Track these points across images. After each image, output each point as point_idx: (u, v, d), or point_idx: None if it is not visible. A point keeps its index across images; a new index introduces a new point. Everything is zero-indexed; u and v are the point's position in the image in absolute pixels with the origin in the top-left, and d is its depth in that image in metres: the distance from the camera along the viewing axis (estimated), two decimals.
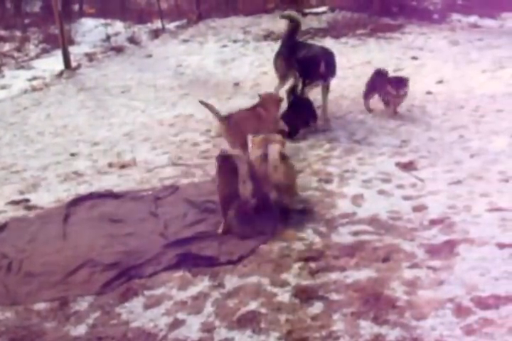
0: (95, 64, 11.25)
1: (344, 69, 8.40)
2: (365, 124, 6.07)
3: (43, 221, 4.18)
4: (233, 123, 5.00)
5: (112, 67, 10.79)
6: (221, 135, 5.31)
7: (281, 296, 2.97)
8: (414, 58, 9.13)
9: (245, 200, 3.81)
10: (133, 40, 12.98)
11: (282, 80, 6.70)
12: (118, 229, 3.90)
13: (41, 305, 3.10)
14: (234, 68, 9.80)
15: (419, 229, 3.57)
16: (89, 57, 11.70)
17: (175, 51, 11.48)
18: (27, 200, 4.70)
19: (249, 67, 9.65)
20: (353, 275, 3.10)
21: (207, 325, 2.79)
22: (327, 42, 10.43)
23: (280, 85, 6.70)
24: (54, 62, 11.18)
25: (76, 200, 4.51)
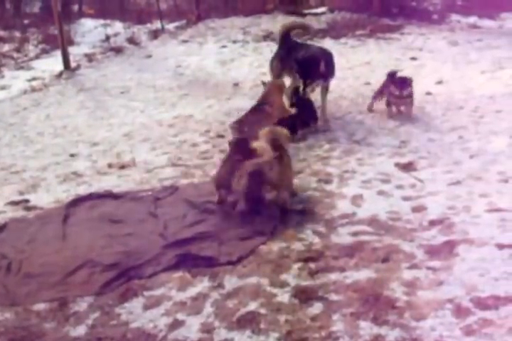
0: (95, 64, 11.25)
1: (343, 69, 8.41)
2: (364, 125, 6.08)
3: (43, 221, 4.18)
4: (243, 128, 5.14)
5: (112, 68, 10.78)
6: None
7: (280, 297, 2.97)
8: (413, 59, 9.14)
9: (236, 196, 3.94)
10: (132, 41, 12.98)
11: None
12: (117, 230, 3.90)
13: (40, 306, 3.10)
14: (233, 69, 9.80)
15: (418, 230, 3.57)
16: (88, 57, 11.69)
17: (174, 52, 11.48)
18: (26, 201, 4.70)
19: (248, 68, 9.65)
20: (353, 275, 3.10)
21: (206, 326, 2.79)
22: (326, 42, 10.44)
23: None
24: (53, 62, 11.18)
25: (75, 201, 4.50)
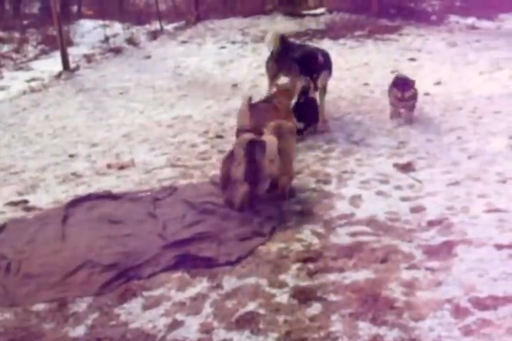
0: (94, 65, 11.24)
1: (342, 70, 8.42)
2: (363, 125, 6.08)
3: (42, 222, 4.17)
4: (256, 112, 5.20)
5: (111, 69, 10.77)
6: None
7: (279, 297, 2.97)
8: (412, 60, 9.14)
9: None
10: (131, 42, 12.97)
11: (272, 81, 6.81)
12: (117, 230, 3.90)
13: (40, 306, 3.10)
14: (232, 69, 9.79)
15: (417, 230, 3.58)
16: (87, 58, 11.68)
17: (173, 52, 11.47)
18: (25, 201, 4.70)
19: (247, 69, 9.65)
20: (352, 276, 3.11)
21: (205, 326, 2.80)
22: (325, 43, 10.45)
23: (271, 86, 6.79)
24: (52, 63, 11.17)
25: (75, 201, 4.49)
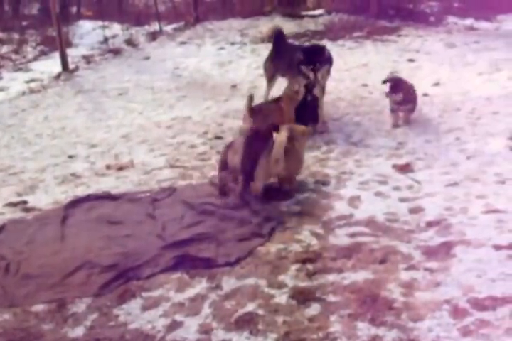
0: (93, 66, 11.24)
1: (341, 71, 8.44)
2: (361, 126, 6.09)
3: (41, 223, 4.17)
4: (259, 114, 5.32)
5: (110, 70, 10.78)
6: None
7: (278, 298, 2.98)
8: (410, 61, 9.15)
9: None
10: (130, 43, 12.97)
11: (270, 82, 6.86)
12: (116, 231, 3.90)
13: (39, 307, 3.10)
14: (231, 70, 9.81)
15: (415, 231, 3.58)
16: (86, 59, 11.69)
17: (172, 53, 11.48)
18: (25, 202, 4.70)
19: (246, 70, 9.66)
20: (350, 276, 3.11)
21: (204, 327, 2.80)
22: (324, 44, 10.45)
23: (268, 87, 6.86)
24: (52, 64, 11.18)
25: (74, 202, 4.50)
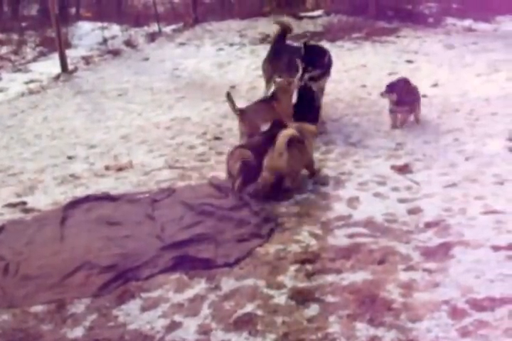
0: (92, 67, 11.24)
1: (339, 72, 8.44)
2: (360, 127, 6.09)
3: (40, 223, 4.18)
4: (248, 115, 5.37)
5: (109, 70, 10.78)
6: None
7: (277, 298, 2.98)
8: (409, 62, 9.16)
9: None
10: (129, 44, 12.97)
11: (269, 83, 6.86)
12: (115, 232, 3.91)
13: (38, 308, 3.11)
14: (230, 71, 9.81)
15: (414, 232, 3.59)
16: (86, 60, 11.68)
17: (171, 54, 11.49)
18: (24, 203, 4.70)
19: (245, 70, 9.67)
20: (349, 277, 3.11)
21: (203, 327, 2.81)
22: (323, 45, 10.46)
23: (267, 88, 6.85)
24: (51, 65, 11.18)
25: (73, 203, 4.50)
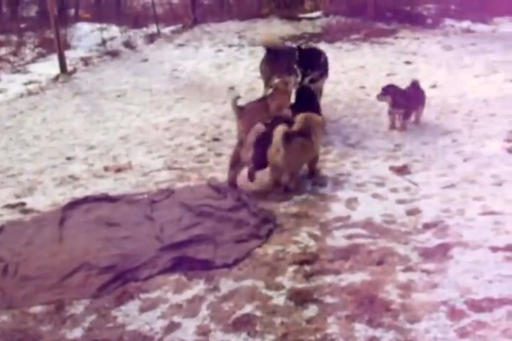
0: (91, 68, 11.25)
1: (338, 73, 8.46)
2: (359, 128, 6.10)
3: (39, 224, 4.18)
4: (244, 113, 5.53)
5: (108, 72, 10.79)
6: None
7: (276, 299, 2.98)
8: (407, 63, 9.18)
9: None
10: (128, 45, 12.98)
11: (267, 83, 6.90)
12: (114, 233, 3.91)
13: (37, 309, 3.11)
14: (229, 72, 9.83)
15: (413, 233, 3.59)
16: (84, 61, 11.70)
17: (170, 55, 11.50)
18: (23, 204, 4.70)
19: (244, 72, 9.68)
20: (348, 278, 3.12)
21: (202, 328, 2.81)
22: (321, 46, 10.40)
23: (266, 88, 6.89)
24: (50, 66, 11.19)
25: (72, 204, 4.50)
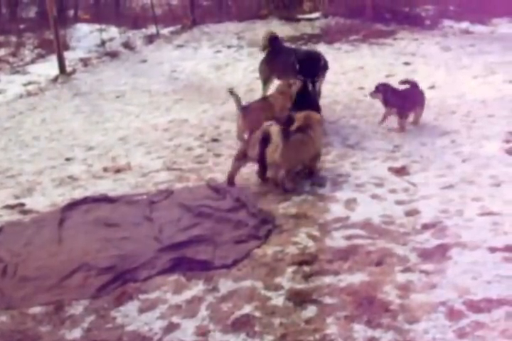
0: (90, 69, 11.25)
1: (337, 74, 8.46)
2: (358, 129, 6.11)
3: (38, 225, 4.18)
4: (249, 112, 5.54)
5: (107, 72, 10.80)
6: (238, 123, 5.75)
7: (275, 300, 2.99)
8: (406, 64, 9.19)
9: None
10: (127, 46, 12.97)
11: (266, 84, 6.92)
12: (113, 233, 3.91)
13: (36, 309, 3.11)
14: (228, 73, 9.83)
15: (411, 234, 3.59)
16: (84, 62, 11.69)
17: (169, 56, 11.50)
18: (22, 204, 4.71)
19: (242, 73, 9.68)
20: (347, 279, 3.12)
21: (201, 329, 2.81)
22: (320, 48, 10.48)
23: (265, 89, 6.91)
24: (49, 67, 11.18)
25: (71, 204, 4.50)
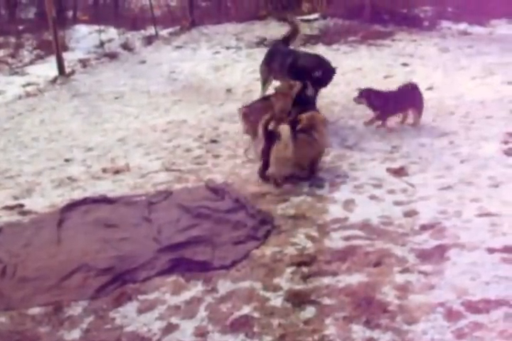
0: (89, 70, 11.26)
1: (335, 75, 8.45)
2: (356, 130, 6.11)
3: (37, 226, 4.18)
4: (250, 112, 5.56)
5: (106, 74, 10.80)
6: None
7: (273, 301, 2.99)
8: (404, 65, 9.21)
9: None
10: (126, 47, 12.98)
11: (264, 85, 6.91)
12: (112, 234, 3.91)
13: (35, 310, 3.11)
14: (226, 74, 9.84)
15: (410, 234, 3.60)
16: (83, 63, 11.70)
17: (168, 57, 11.51)
18: (21, 205, 4.70)
19: (241, 74, 9.69)
20: (345, 279, 3.13)
21: (200, 329, 2.81)
22: (319, 49, 10.49)
23: (263, 89, 6.91)
24: (48, 68, 11.18)
25: (70, 205, 4.50)
